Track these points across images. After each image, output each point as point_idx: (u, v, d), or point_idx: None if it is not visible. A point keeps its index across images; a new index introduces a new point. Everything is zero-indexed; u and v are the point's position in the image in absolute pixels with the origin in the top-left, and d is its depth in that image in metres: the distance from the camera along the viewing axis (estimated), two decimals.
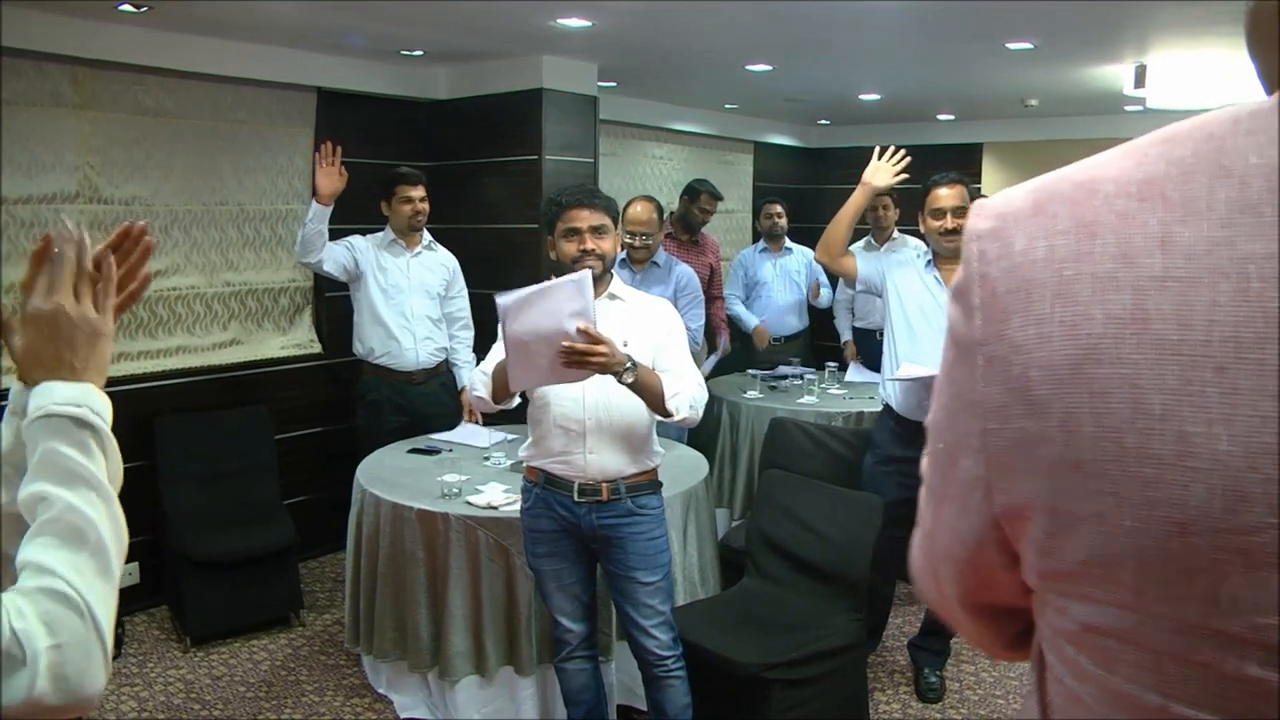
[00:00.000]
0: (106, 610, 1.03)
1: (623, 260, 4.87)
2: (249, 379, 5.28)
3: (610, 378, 2.78)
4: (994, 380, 0.69)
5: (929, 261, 3.92)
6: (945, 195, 3.82)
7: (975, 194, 3.91)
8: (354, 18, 4.43)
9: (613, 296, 3.07)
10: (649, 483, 3.09)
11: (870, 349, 6.01)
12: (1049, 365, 0.65)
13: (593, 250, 2.97)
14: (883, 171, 3.94)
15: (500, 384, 2.93)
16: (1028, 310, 0.67)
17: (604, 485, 3.00)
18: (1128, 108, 7.22)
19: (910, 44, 5.03)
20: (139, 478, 4.63)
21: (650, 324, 3.04)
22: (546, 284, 2.66)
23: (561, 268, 3.02)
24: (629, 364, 2.75)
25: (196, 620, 4.47)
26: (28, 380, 1.14)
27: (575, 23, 4.47)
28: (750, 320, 6.35)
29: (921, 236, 4.14)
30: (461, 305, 4.98)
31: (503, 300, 2.67)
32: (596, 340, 2.67)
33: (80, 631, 0.99)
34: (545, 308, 2.65)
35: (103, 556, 1.05)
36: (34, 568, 1.01)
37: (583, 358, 2.67)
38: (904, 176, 3.94)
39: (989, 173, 8.72)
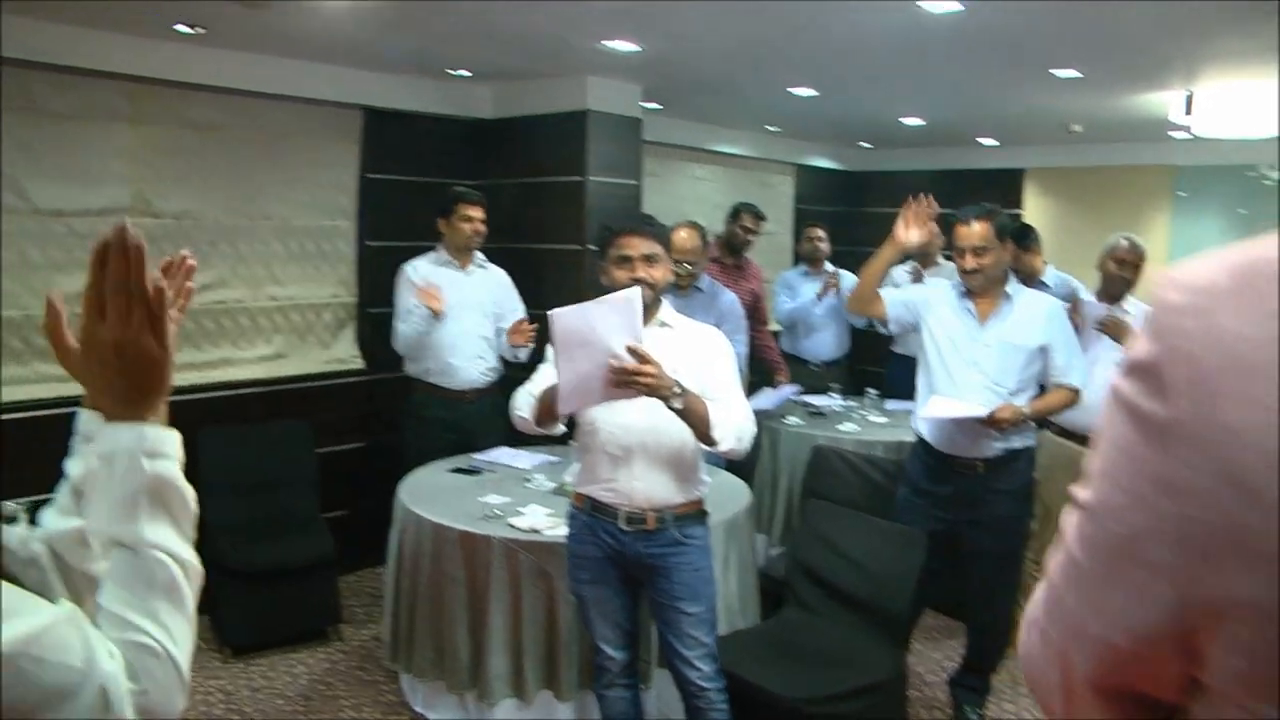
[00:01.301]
0: (186, 644, 1.08)
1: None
2: (291, 393, 5.31)
3: (658, 403, 2.77)
4: (1198, 465, 0.65)
5: (963, 293, 3.87)
6: (965, 234, 3.75)
7: (1011, 223, 3.84)
8: (404, 37, 4.46)
9: (662, 324, 3.06)
10: (695, 512, 3.08)
11: (909, 376, 5.96)
12: (1268, 451, 0.61)
13: (644, 278, 2.96)
14: (915, 230, 3.89)
15: (546, 406, 2.91)
16: (1243, 393, 0.63)
17: (650, 514, 2.99)
18: (1174, 134, 7.13)
19: (955, 69, 5.00)
20: None
21: (699, 352, 3.03)
22: (598, 300, 2.65)
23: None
24: (677, 388, 2.74)
25: (236, 631, 4.50)
26: (97, 408, 1.16)
27: (623, 46, 4.48)
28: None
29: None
30: (520, 315, 4.95)
31: (556, 312, 2.67)
32: (645, 360, 2.67)
33: (162, 675, 1.04)
34: (596, 323, 2.65)
35: (178, 595, 1.08)
36: (116, 620, 1.03)
37: (631, 377, 2.66)
38: (933, 236, 3.85)
39: (1031, 199, 8.64)
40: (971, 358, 3.77)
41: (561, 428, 3.05)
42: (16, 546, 1.20)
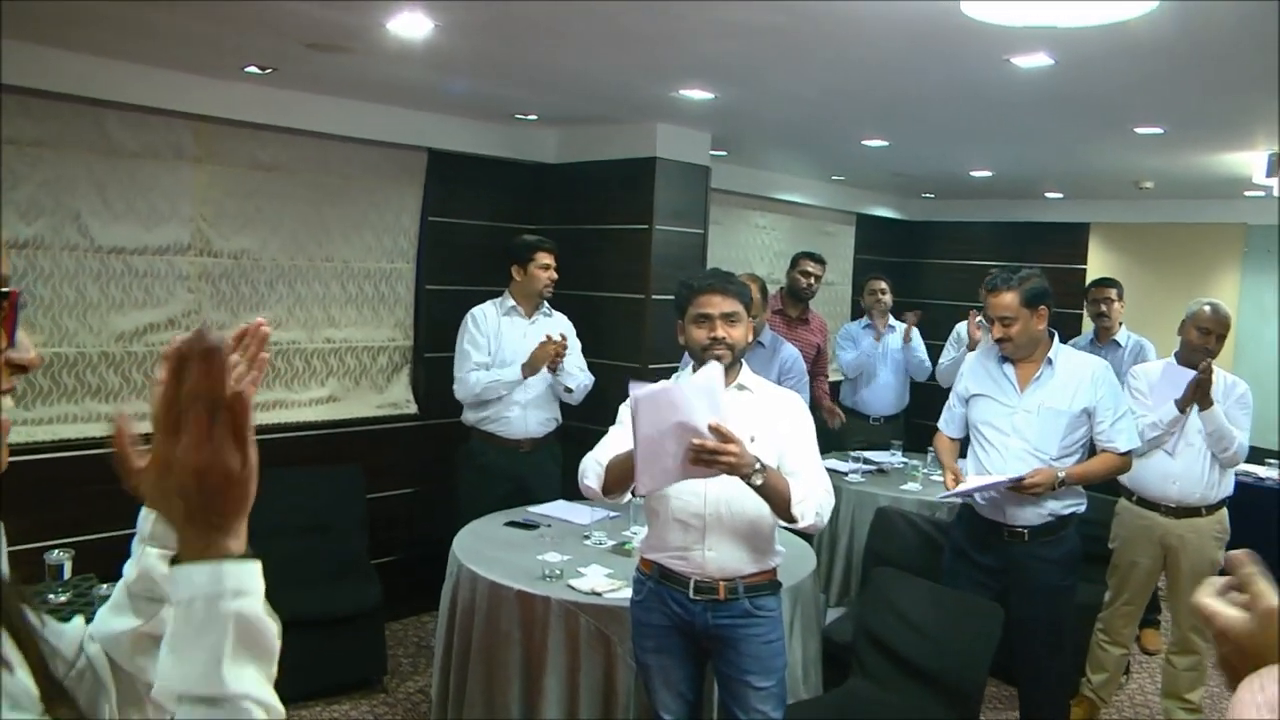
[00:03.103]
0: None
1: None
2: (343, 436, 5.24)
3: None
4: None
5: (1002, 359, 3.81)
6: (994, 304, 3.70)
7: (1040, 286, 3.69)
8: (471, 80, 4.41)
9: (741, 387, 2.95)
10: (768, 583, 2.94)
11: None
12: None
13: (723, 338, 2.86)
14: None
15: (615, 477, 2.82)
16: None
17: (721, 584, 2.86)
18: (1248, 193, 6.99)
19: (1035, 125, 4.89)
20: None
21: (779, 418, 2.91)
22: (678, 381, 2.56)
23: (690, 352, 2.94)
24: (758, 465, 2.62)
25: (279, 679, 4.37)
26: (168, 518, 1.03)
27: (698, 94, 4.40)
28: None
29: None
30: (577, 362, 4.85)
31: (637, 392, 2.57)
32: (728, 439, 2.55)
33: None
34: (677, 402, 2.56)
35: None
36: None
37: (713, 456, 2.55)
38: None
39: (1095, 253, 8.49)
40: (1012, 425, 3.73)
41: (629, 496, 2.94)
42: (69, 653, 1.09)
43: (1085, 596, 4.50)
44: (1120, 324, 5.81)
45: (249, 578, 0.97)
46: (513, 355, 4.64)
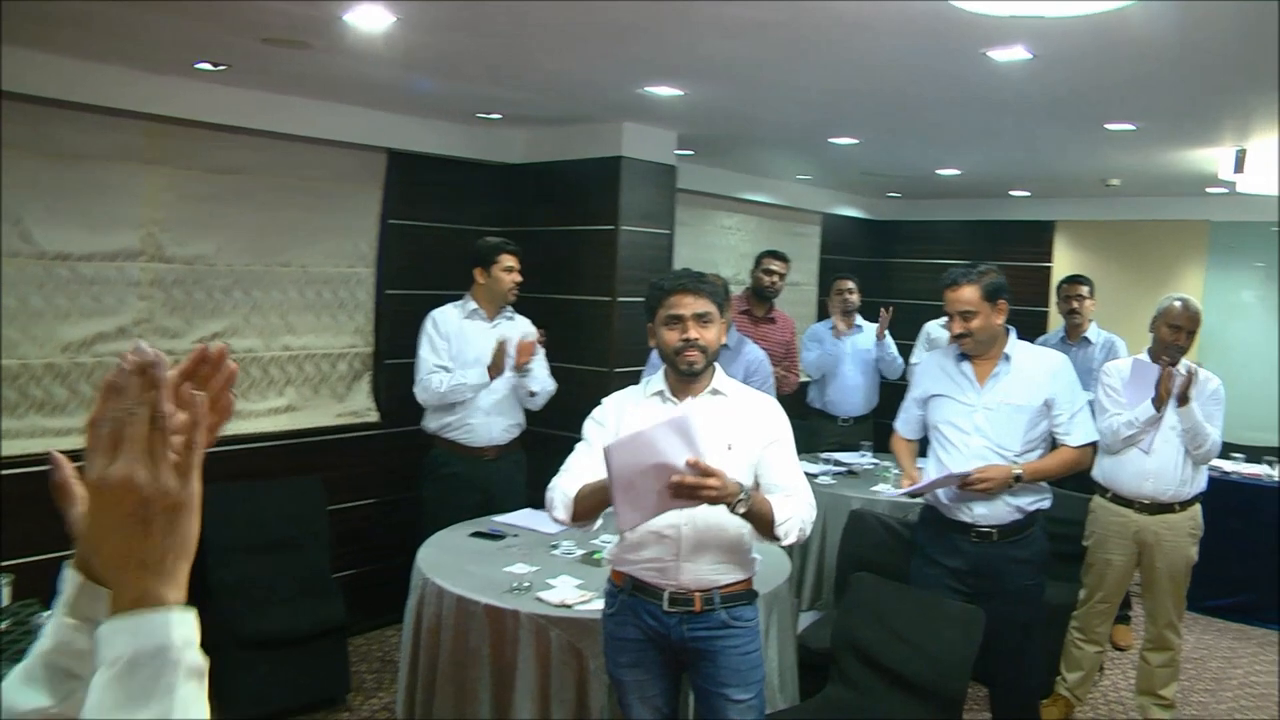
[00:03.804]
0: None
1: None
2: (303, 447, 5.08)
3: None
4: None
5: (960, 356, 3.76)
6: (952, 299, 3.65)
7: (999, 282, 3.65)
8: (433, 78, 4.29)
9: (716, 392, 2.86)
10: (745, 592, 2.85)
11: None
12: None
13: (696, 340, 2.77)
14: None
15: (586, 509, 2.75)
16: None
17: (697, 595, 2.77)
18: (1211, 190, 7.02)
19: (1008, 121, 4.83)
20: None
21: (756, 425, 2.82)
22: (650, 429, 2.46)
23: (662, 356, 2.85)
24: (742, 494, 2.52)
25: (238, 701, 4.21)
26: (88, 571, 0.90)
27: (666, 91, 4.31)
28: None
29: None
30: (540, 371, 4.77)
31: (609, 447, 2.47)
32: (708, 473, 2.46)
33: None
34: (652, 445, 2.46)
35: None
36: None
37: (693, 491, 2.46)
38: None
39: (1060, 251, 8.51)
40: (973, 423, 3.68)
41: (599, 520, 2.86)
42: None
43: (1059, 596, 4.48)
44: (1091, 321, 5.79)
45: (193, 625, 0.84)
46: (475, 359, 4.53)
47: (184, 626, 0.83)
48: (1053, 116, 4.65)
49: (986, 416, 3.64)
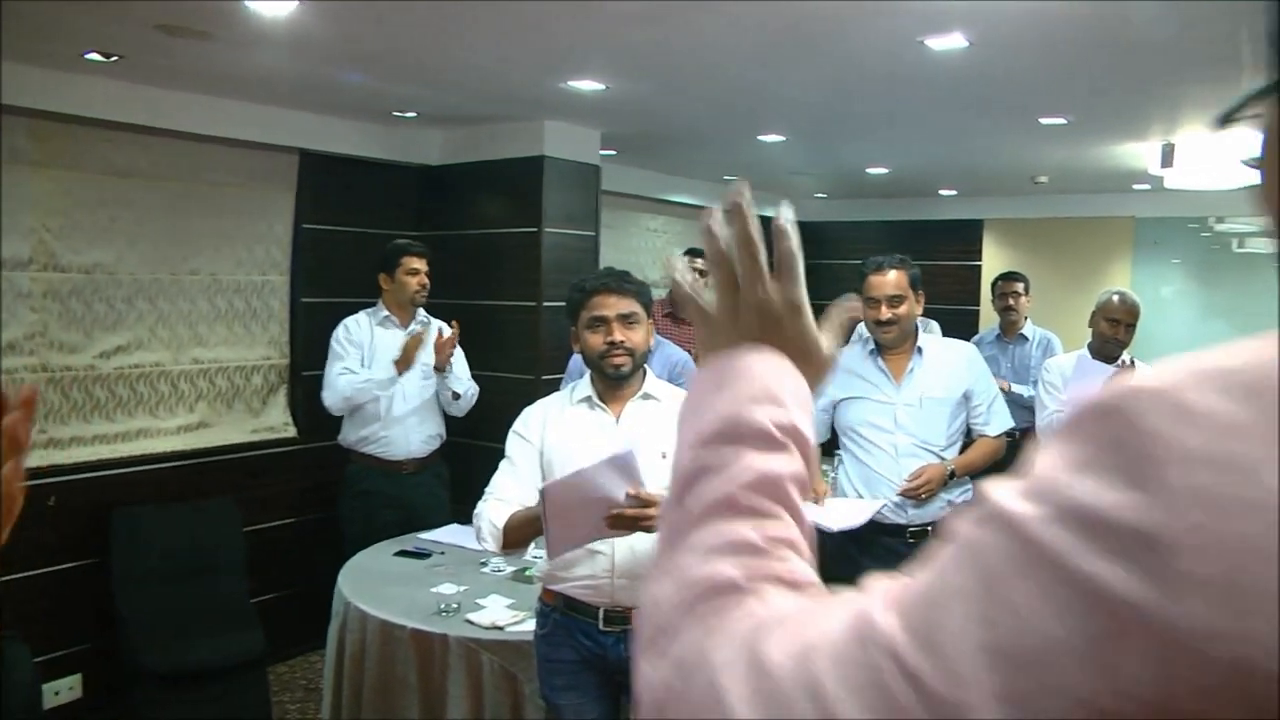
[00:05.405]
0: None
1: None
2: (216, 465, 4.80)
3: None
4: (1214, 691, 0.43)
5: (872, 351, 3.65)
6: (880, 283, 3.54)
7: (916, 272, 3.58)
8: (346, 75, 4.08)
9: (647, 396, 2.71)
10: None
11: None
12: None
13: (621, 343, 2.62)
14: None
15: (515, 540, 2.62)
16: None
17: (633, 612, 2.59)
18: (1137, 186, 7.07)
19: (942, 115, 4.76)
20: (88, 577, 4.21)
21: None
22: (590, 467, 2.34)
23: (587, 361, 2.69)
24: None
25: None
26: None
27: (588, 85, 4.15)
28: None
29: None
30: (462, 371, 4.61)
31: (547, 487, 2.36)
32: (648, 503, 2.32)
33: None
34: (594, 482, 2.34)
35: None
36: None
37: (633, 523, 2.33)
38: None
39: (989, 249, 8.55)
40: (894, 420, 3.57)
41: (531, 545, 2.72)
42: None
43: None
44: (1026, 318, 5.75)
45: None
46: (387, 367, 4.35)
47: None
48: (988, 110, 4.60)
49: (908, 412, 3.54)
